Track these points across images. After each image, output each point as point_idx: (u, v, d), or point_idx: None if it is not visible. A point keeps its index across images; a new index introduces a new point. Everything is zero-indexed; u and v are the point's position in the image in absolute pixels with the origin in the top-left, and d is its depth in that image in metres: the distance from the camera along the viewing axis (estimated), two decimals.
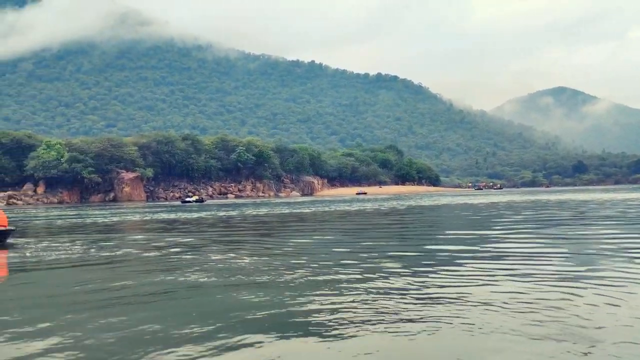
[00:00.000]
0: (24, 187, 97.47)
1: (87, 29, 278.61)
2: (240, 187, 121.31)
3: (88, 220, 22.39)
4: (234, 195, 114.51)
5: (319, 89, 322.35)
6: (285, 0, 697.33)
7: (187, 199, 68.24)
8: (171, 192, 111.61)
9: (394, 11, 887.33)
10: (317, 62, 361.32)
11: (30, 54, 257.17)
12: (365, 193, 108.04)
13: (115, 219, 23.96)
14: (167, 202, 72.76)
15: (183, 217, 24.15)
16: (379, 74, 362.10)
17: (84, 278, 7.24)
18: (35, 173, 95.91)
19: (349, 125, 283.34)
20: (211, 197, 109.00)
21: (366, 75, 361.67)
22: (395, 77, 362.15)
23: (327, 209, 29.61)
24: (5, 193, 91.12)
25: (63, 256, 9.50)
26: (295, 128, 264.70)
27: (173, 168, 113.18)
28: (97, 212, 35.00)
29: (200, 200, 65.94)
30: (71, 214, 32.41)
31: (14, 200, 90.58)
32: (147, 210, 36.24)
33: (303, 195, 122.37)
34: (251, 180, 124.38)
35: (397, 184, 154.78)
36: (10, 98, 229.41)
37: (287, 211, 27.51)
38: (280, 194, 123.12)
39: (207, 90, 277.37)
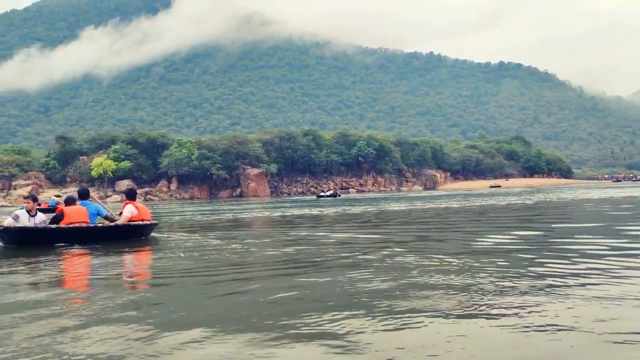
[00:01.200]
0: (159, 184, 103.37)
1: (212, 33, 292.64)
2: (361, 181, 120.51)
3: (226, 216, 21.84)
4: (355, 190, 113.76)
5: (438, 81, 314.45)
6: None
7: (322, 194, 69.88)
8: (294, 187, 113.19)
9: None
10: (435, 53, 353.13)
11: (162, 58, 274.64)
12: (499, 186, 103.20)
13: (254, 214, 23.20)
14: (301, 197, 73.69)
15: (325, 212, 22.94)
16: (501, 62, 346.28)
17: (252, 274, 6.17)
18: (168, 170, 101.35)
19: (470, 117, 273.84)
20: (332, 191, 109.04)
21: (487, 64, 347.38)
22: (519, 65, 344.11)
23: (473, 203, 27.11)
24: (143, 190, 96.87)
25: (215, 251, 8.59)
26: (414, 121, 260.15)
27: (295, 163, 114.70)
28: (230, 207, 34.92)
29: (334, 195, 66.69)
30: (206, 209, 32.61)
31: (151, 196, 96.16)
32: (281, 205, 35.39)
33: (425, 189, 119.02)
34: (372, 175, 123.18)
35: (524, 176, 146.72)
36: (144, 101, 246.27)
37: (432, 205, 25.23)
38: (402, 188, 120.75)
39: (326, 86, 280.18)
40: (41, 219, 10.72)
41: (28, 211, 10.61)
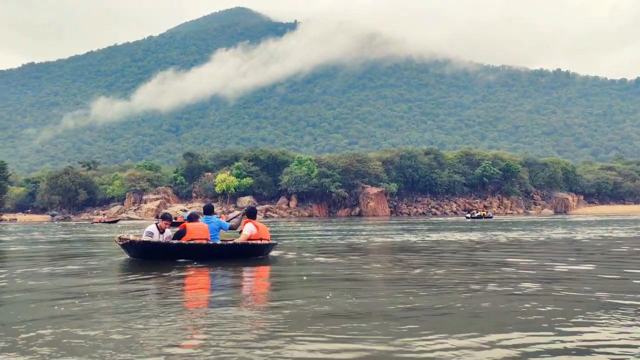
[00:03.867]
0: (279, 201, 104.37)
1: (333, 53, 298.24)
2: (485, 203, 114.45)
3: (356, 240, 19.60)
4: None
5: (566, 99, 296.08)
6: (531, 5, 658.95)
7: (468, 215, 67.61)
8: (414, 207, 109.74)
9: None
10: (563, 70, 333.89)
11: (285, 79, 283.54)
12: None
13: (391, 238, 20.74)
14: (451, 218, 70.97)
15: (494, 236, 19.97)
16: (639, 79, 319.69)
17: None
18: (288, 187, 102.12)
19: (603, 137, 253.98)
20: (455, 213, 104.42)
21: (623, 80, 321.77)
22: None
23: None
24: (263, 206, 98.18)
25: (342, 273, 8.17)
26: (540, 141, 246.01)
27: (416, 183, 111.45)
28: (359, 227, 32.62)
29: (481, 216, 63.89)
30: (334, 229, 30.72)
31: (270, 213, 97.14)
32: (422, 227, 31.40)
33: (556, 213, 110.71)
34: (497, 197, 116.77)
35: None
36: (266, 120, 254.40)
37: (615, 234, 20.89)
38: (529, 211, 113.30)
39: (445, 105, 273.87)
40: (168, 234, 11.20)
41: (159, 228, 11.11)
